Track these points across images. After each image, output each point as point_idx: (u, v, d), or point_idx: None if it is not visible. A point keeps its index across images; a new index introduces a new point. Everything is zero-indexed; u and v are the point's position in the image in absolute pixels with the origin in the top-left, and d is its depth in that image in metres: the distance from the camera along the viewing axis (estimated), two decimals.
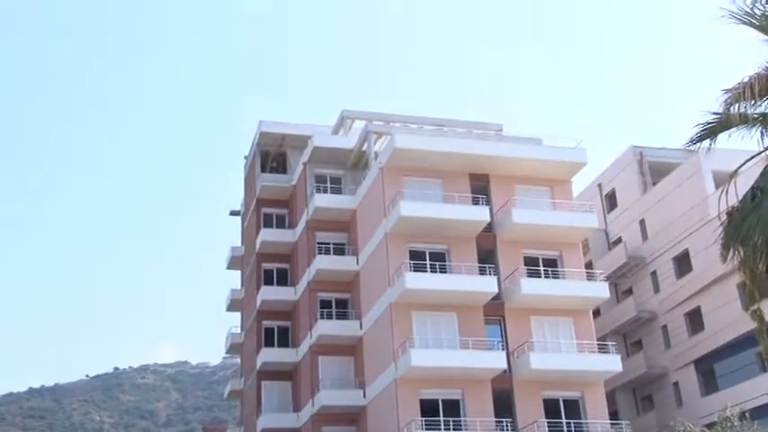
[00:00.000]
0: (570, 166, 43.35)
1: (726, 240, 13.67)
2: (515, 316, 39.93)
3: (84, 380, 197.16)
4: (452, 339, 38.70)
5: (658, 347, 47.99)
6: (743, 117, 13.24)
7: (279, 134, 52.64)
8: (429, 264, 39.85)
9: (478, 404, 37.71)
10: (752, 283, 13.40)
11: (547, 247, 41.68)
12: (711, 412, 32.79)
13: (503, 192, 41.82)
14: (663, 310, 47.61)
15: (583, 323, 40.78)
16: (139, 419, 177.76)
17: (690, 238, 44.66)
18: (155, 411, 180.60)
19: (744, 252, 13.25)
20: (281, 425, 46.94)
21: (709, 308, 44.02)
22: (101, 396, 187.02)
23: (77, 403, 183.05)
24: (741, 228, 13.17)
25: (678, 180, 47.32)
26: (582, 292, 40.92)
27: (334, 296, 45.71)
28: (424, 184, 41.38)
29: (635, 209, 50.77)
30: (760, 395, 38.75)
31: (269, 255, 51.14)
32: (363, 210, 44.64)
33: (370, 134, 46.31)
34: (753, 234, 12.83)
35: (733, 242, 13.44)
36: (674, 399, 46.25)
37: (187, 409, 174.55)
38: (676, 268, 46.80)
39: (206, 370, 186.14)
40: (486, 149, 42.48)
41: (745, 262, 13.30)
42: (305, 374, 46.12)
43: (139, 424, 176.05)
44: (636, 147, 52.29)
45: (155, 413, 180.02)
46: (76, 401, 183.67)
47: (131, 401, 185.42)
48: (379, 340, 40.68)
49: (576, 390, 39.37)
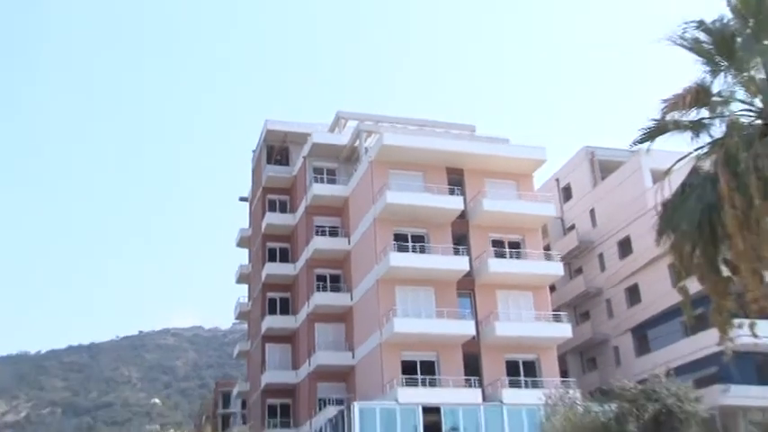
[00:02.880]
0: (532, 163, 43.28)
1: (660, 228, 13.86)
2: (483, 290, 40.07)
3: (115, 340, 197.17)
4: (429, 310, 38.69)
5: (602, 317, 48.04)
6: (676, 124, 13.32)
7: (282, 131, 52.52)
8: (411, 245, 39.88)
9: (451, 365, 37.93)
10: (680, 263, 13.55)
11: (511, 231, 41.65)
12: (643, 371, 33.12)
13: (475, 184, 41.77)
14: (607, 286, 47.64)
15: (540, 297, 40.95)
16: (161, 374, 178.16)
17: (631, 225, 44.59)
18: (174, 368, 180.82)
19: (674, 237, 13.41)
20: (282, 380, 47.16)
21: (645, 284, 44.11)
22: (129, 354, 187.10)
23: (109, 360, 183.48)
24: (672, 217, 13.38)
25: (622, 176, 47.18)
26: (540, 271, 41.06)
27: (328, 272, 45.65)
28: (408, 176, 41.22)
29: (586, 200, 50.65)
30: (683, 356, 38.97)
31: (273, 235, 51.06)
32: (355, 198, 44.57)
33: (361, 132, 46.28)
34: (681, 222, 13.02)
35: (666, 229, 13.64)
36: (613, 360, 46.38)
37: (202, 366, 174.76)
38: (619, 251, 46.75)
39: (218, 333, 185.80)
40: (461, 147, 42.42)
41: (674, 246, 13.46)
42: (303, 338, 46.23)
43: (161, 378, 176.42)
44: (588, 147, 52.12)
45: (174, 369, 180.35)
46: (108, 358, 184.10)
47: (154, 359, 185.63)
48: (367, 310, 40.76)
49: (533, 353, 39.61)
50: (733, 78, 12.70)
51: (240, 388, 58.93)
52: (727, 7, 12.33)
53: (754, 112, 12.68)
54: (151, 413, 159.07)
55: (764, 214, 11.34)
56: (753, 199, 11.33)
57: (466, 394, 36.59)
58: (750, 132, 12.10)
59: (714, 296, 13.13)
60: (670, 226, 13.42)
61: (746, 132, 12.08)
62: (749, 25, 12.27)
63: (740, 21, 12.36)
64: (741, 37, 12.40)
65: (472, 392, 36.85)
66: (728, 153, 11.96)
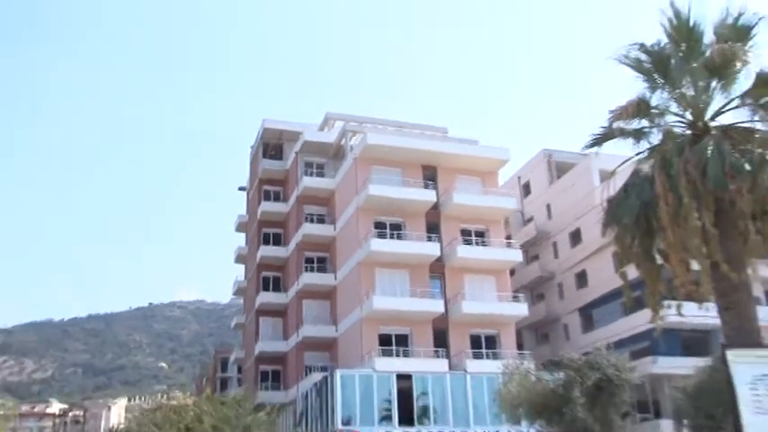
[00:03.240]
0: (497, 162, 43.37)
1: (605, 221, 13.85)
2: (452, 273, 40.14)
3: (128, 310, 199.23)
4: (404, 289, 38.77)
5: (554, 298, 48.25)
6: (621, 131, 13.36)
7: (277, 130, 52.32)
8: (389, 232, 39.89)
9: (422, 338, 38.08)
10: (621, 252, 13.63)
11: (478, 222, 41.70)
12: (588, 344, 33.34)
13: (446, 179, 41.79)
14: (559, 271, 47.89)
15: (501, 280, 41.06)
16: (168, 342, 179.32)
17: (581, 219, 44.69)
18: (179, 336, 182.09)
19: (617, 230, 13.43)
20: (273, 349, 47.11)
21: (592, 270, 44.28)
22: (140, 323, 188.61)
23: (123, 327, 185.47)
24: (616, 212, 13.38)
25: (575, 176, 47.31)
26: (502, 257, 41.16)
27: (316, 254, 45.55)
28: (388, 171, 41.12)
29: (543, 196, 50.75)
30: (621, 332, 39.36)
31: (267, 222, 50.90)
32: (340, 189, 44.51)
33: (347, 132, 46.12)
34: (623, 217, 13.06)
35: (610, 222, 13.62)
36: (563, 335, 46.61)
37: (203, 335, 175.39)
38: (570, 241, 46.92)
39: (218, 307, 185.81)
40: (435, 147, 42.42)
41: (617, 237, 13.49)
42: (292, 313, 46.22)
43: (168, 345, 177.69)
44: (546, 150, 52.21)
45: (179, 337, 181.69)
46: (122, 326, 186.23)
47: (162, 328, 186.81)
48: (349, 288, 40.82)
49: (494, 328, 39.82)
50: (668, 94, 12.80)
51: (237, 355, 58.79)
52: (664, 33, 12.51)
53: (685, 124, 12.85)
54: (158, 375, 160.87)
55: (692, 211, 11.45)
56: (683, 198, 11.44)
57: (434, 364, 36.80)
58: (682, 141, 12.24)
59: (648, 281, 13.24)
60: (614, 220, 13.47)
61: (679, 141, 12.22)
62: (681, 49, 12.44)
63: (674, 45, 12.50)
64: (675, 59, 12.54)
65: (440, 362, 37.11)
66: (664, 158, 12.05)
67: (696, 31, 12.32)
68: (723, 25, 12.36)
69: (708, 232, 11.44)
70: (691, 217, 11.48)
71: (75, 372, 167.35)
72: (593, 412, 24.17)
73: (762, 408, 10.05)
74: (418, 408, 34.68)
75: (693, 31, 12.27)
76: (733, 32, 12.18)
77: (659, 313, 12.73)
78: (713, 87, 12.50)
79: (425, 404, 34.92)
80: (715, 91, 12.54)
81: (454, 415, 34.73)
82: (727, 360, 10.50)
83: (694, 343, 37.57)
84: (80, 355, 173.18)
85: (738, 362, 10.43)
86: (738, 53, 11.82)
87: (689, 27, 12.33)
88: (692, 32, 12.26)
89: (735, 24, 12.28)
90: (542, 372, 27.20)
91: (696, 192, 11.54)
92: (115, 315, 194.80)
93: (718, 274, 11.42)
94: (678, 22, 12.36)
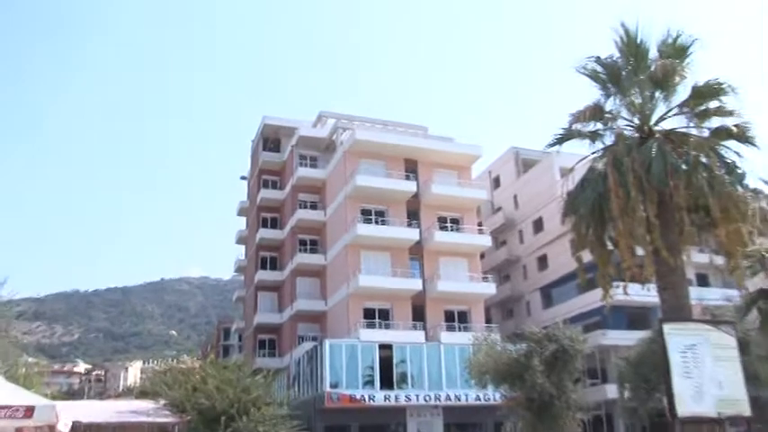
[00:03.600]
0: (471, 158, 43.30)
1: (564, 211, 14.06)
2: (429, 256, 40.11)
3: (142, 284, 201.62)
4: (387, 269, 38.76)
5: (519, 279, 48.40)
6: (579, 133, 13.45)
7: (276, 125, 51.78)
8: (374, 218, 39.80)
9: (402, 312, 38.18)
10: (577, 239, 13.79)
11: (453, 210, 41.67)
12: (547, 319, 33.70)
13: (426, 172, 41.69)
14: (524, 255, 48.00)
15: (473, 262, 41.11)
16: (177, 312, 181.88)
17: (544, 209, 44.83)
18: (187, 308, 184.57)
19: (574, 219, 13.59)
20: (270, 321, 47.05)
21: (552, 254, 44.43)
22: (153, 295, 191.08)
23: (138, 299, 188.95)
24: (574, 204, 13.55)
25: (539, 171, 47.38)
26: (474, 242, 41.19)
27: (308, 237, 45.42)
28: (373, 164, 40.98)
29: (511, 188, 50.78)
30: (576, 308, 39.65)
31: (265, 207, 50.60)
32: (331, 180, 44.33)
33: (338, 128, 45.90)
34: (580, 208, 13.23)
35: (569, 213, 13.81)
36: (526, 312, 46.77)
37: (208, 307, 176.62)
38: (534, 228, 46.99)
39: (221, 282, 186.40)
40: (416, 143, 42.34)
41: (574, 225, 13.66)
42: (287, 289, 46.12)
43: (177, 315, 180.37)
44: (514, 147, 52.17)
45: (187, 309, 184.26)
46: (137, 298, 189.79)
47: (172, 300, 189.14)
48: (338, 268, 40.78)
49: (465, 305, 39.92)
50: (619, 101, 12.96)
51: (237, 325, 58.74)
52: (616, 48, 12.66)
53: (633, 128, 13.03)
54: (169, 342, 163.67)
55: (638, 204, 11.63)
56: (631, 192, 11.59)
57: (413, 335, 36.93)
58: (630, 142, 12.39)
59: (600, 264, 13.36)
60: (572, 210, 13.58)
61: (628, 142, 12.36)
62: (630, 63, 12.62)
63: (625, 59, 12.67)
64: (625, 71, 12.70)
65: (417, 334, 37.24)
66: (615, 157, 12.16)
67: (643, 48, 12.51)
68: (665, 44, 12.58)
69: (651, 222, 11.64)
70: (637, 209, 11.66)
71: (98, 336, 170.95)
72: (550, 378, 24.44)
73: (689, 372, 10.41)
74: (397, 374, 34.89)
75: (640, 48, 12.46)
76: (673, 50, 12.40)
77: (609, 292, 12.93)
78: (657, 97, 12.71)
79: (404, 371, 35.07)
80: (658, 100, 12.75)
81: (429, 380, 34.97)
82: (664, 332, 10.83)
83: (637, 318, 38.00)
84: (101, 323, 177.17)
85: (673, 334, 10.75)
86: (677, 68, 12.06)
87: (637, 44, 12.52)
88: (639, 49, 12.45)
89: (674, 44, 12.50)
90: (507, 343, 27.29)
91: (642, 187, 11.71)
92: (131, 288, 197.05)
93: (659, 258, 11.65)
94: (628, 40, 12.55)
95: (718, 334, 11.02)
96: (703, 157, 11.94)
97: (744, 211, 11.54)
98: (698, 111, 12.51)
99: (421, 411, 34.72)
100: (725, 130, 12.44)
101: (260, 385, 18.14)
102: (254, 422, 16.90)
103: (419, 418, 34.70)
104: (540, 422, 24.44)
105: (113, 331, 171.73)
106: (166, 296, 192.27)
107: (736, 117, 12.35)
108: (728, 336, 11.07)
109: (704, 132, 12.54)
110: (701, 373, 10.44)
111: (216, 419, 16.40)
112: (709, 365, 10.54)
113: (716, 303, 29.47)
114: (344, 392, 33.20)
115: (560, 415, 24.30)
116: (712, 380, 10.46)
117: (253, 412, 17.04)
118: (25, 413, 9.06)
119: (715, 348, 10.75)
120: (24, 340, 46.23)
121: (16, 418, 9.08)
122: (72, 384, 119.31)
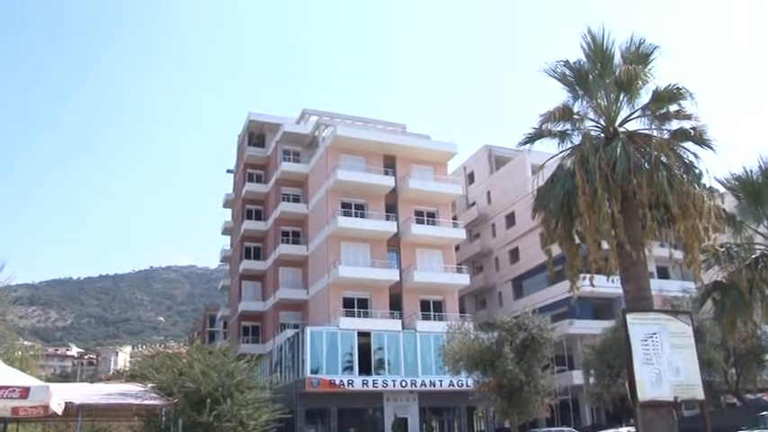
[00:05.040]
0: (447, 154, 43.46)
1: (535, 206, 13.86)
2: (406, 247, 40.37)
3: (132, 272, 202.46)
4: (365, 260, 38.95)
5: (492, 270, 48.79)
6: (549, 132, 13.39)
7: (261, 122, 51.60)
8: (354, 211, 39.88)
9: (380, 301, 38.40)
10: (547, 233, 13.73)
11: (429, 204, 41.85)
12: (518, 309, 34.04)
13: (403, 168, 41.83)
14: (496, 247, 48.38)
15: (448, 254, 41.40)
16: (165, 300, 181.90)
17: (516, 204, 45.18)
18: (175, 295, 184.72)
19: (544, 214, 13.52)
20: (253, 309, 47.02)
21: (523, 247, 44.91)
22: (142, 283, 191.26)
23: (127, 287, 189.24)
24: (544, 199, 13.41)
25: (511, 168, 47.78)
26: (449, 235, 41.38)
27: (291, 229, 45.40)
28: (354, 159, 41.01)
29: (484, 184, 51.14)
30: (545, 299, 40.18)
31: (250, 200, 50.44)
32: (313, 174, 44.25)
33: (320, 125, 45.89)
34: (549, 203, 13.16)
35: (539, 208, 13.62)
36: (498, 302, 47.21)
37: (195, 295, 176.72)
38: (506, 222, 47.38)
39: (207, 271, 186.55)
40: (395, 140, 42.41)
41: (544, 220, 13.57)
42: (270, 278, 46.08)
43: (165, 302, 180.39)
44: (488, 145, 52.54)
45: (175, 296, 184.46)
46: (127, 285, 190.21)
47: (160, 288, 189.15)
48: (319, 258, 40.81)
49: (440, 295, 40.17)
50: (587, 103, 13.02)
51: (222, 312, 58.33)
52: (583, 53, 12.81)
53: (599, 128, 13.13)
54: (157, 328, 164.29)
55: (604, 200, 11.72)
56: (597, 189, 11.62)
57: (390, 323, 37.11)
58: (597, 142, 12.48)
59: (568, 257, 13.37)
60: (542, 206, 13.50)
61: (594, 142, 12.44)
62: (597, 67, 12.72)
63: (591, 64, 12.78)
64: (592, 75, 12.80)
65: (394, 322, 37.44)
66: (583, 156, 12.19)
67: (608, 53, 12.64)
68: (628, 50, 12.74)
69: (615, 218, 11.76)
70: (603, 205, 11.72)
71: (90, 322, 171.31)
72: (520, 365, 24.84)
73: (650, 359, 10.66)
74: (375, 360, 35.09)
75: (606, 53, 12.58)
76: (636, 56, 12.57)
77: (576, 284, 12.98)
78: (621, 100, 12.85)
79: (381, 357, 35.29)
80: (623, 103, 12.89)
81: (405, 366, 35.21)
82: (627, 322, 11.04)
83: (602, 308, 38.74)
84: (93, 309, 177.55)
85: (635, 323, 10.98)
86: (640, 74, 12.22)
87: (603, 50, 12.64)
88: (604, 54, 12.58)
89: (637, 50, 12.67)
90: (480, 331, 27.65)
91: (607, 185, 11.83)
92: (121, 276, 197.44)
93: (623, 252, 11.79)
94: (594, 45, 12.67)
95: (676, 323, 11.28)
96: (664, 157, 12.11)
97: (700, 209, 11.77)
98: (659, 113, 12.70)
99: (397, 396, 34.97)
100: (683, 133, 12.63)
101: (243, 370, 18.13)
102: (238, 405, 16.91)
103: (396, 402, 34.97)
104: (511, 406, 24.86)
105: (105, 317, 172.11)
106: (155, 284, 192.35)
107: (693, 120, 12.56)
108: (686, 325, 11.32)
109: (665, 134, 12.71)
110: (661, 360, 10.69)
111: (201, 402, 16.37)
112: (667, 353, 10.79)
113: (675, 294, 30.17)
114: (324, 377, 33.31)
115: (529, 399, 24.75)
116: (670, 366, 10.71)
117: (236, 396, 17.04)
118: (21, 394, 9.05)
119: (673, 337, 10.99)
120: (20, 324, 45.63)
121: (12, 398, 9.10)
122: (65, 367, 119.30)
